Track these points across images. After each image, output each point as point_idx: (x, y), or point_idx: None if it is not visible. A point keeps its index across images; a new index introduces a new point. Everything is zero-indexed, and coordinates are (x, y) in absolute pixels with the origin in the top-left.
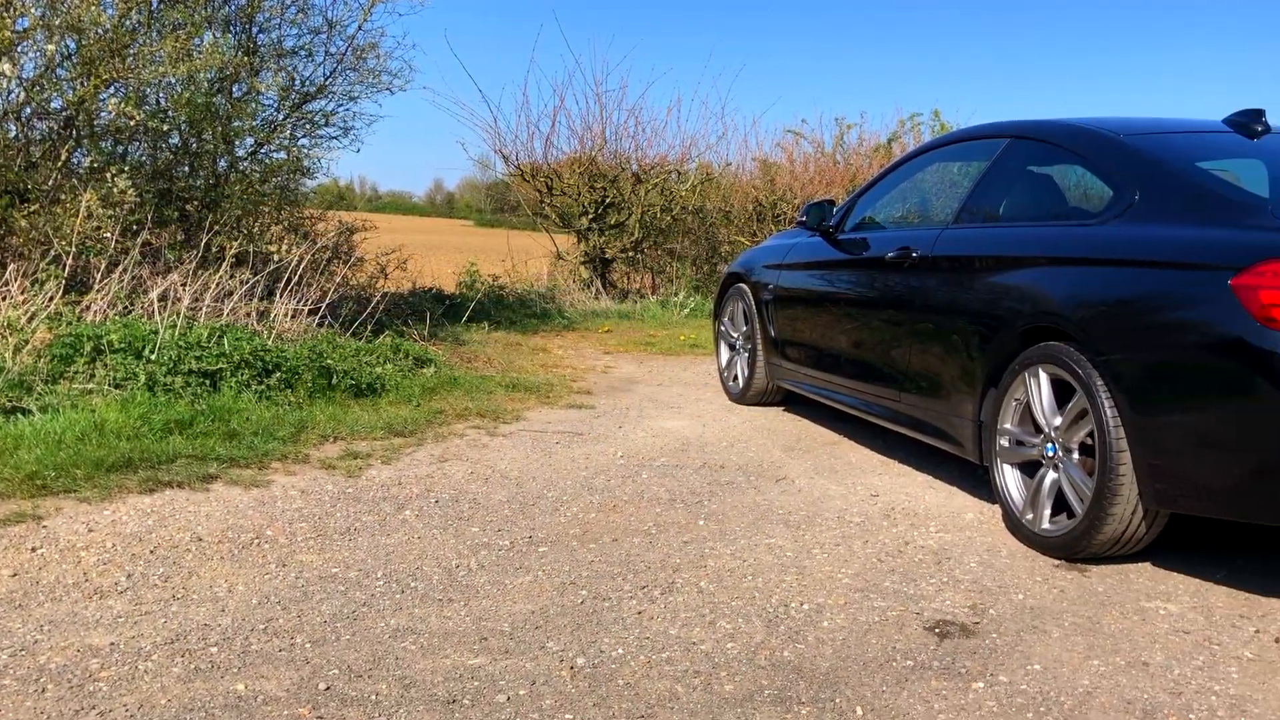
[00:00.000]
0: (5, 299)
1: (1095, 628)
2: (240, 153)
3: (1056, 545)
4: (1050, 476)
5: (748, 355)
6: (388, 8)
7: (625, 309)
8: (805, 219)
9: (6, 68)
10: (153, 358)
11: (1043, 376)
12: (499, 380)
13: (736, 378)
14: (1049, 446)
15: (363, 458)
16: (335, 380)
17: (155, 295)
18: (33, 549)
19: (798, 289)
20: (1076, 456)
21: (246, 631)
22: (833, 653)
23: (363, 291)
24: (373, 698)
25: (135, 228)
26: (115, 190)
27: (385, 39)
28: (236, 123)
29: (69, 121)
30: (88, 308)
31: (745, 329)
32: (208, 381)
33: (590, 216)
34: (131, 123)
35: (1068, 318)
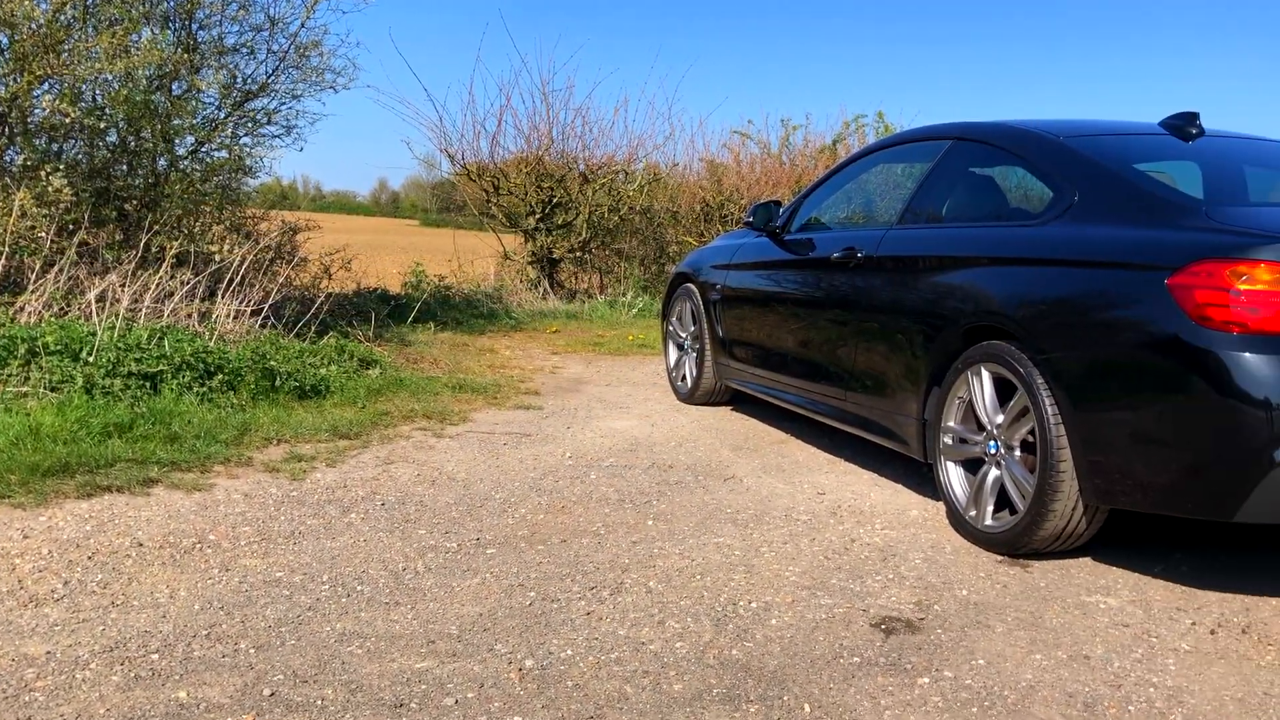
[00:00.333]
0: None
1: (1037, 622)
2: (180, 151)
3: (999, 541)
4: (993, 474)
5: (696, 355)
6: (331, 5)
7: (573, 309)
8: (752, 220)
9: None
10: (90, 360)
11: (985, 375)
12: (445, 381)
13: (685, 378)
14: (991, 444)
15: (307, 460)
16: (279, 382)
17: (93, 296)
18: None
19: (745, 289)
20: (1018, 454)
21: (189, 638)
22: (780, 650)
23: (307, 292)
24: (318, 703)
25: (71, 227)
26: (50, 189)
27: (329, 36)
28: (176, 121)
29: (1, 118)
30: (21, 309)
31: (693, 329)
32: (148, 384)
33: (537, 216)
34: (67, 120)
35: (1009, 317)
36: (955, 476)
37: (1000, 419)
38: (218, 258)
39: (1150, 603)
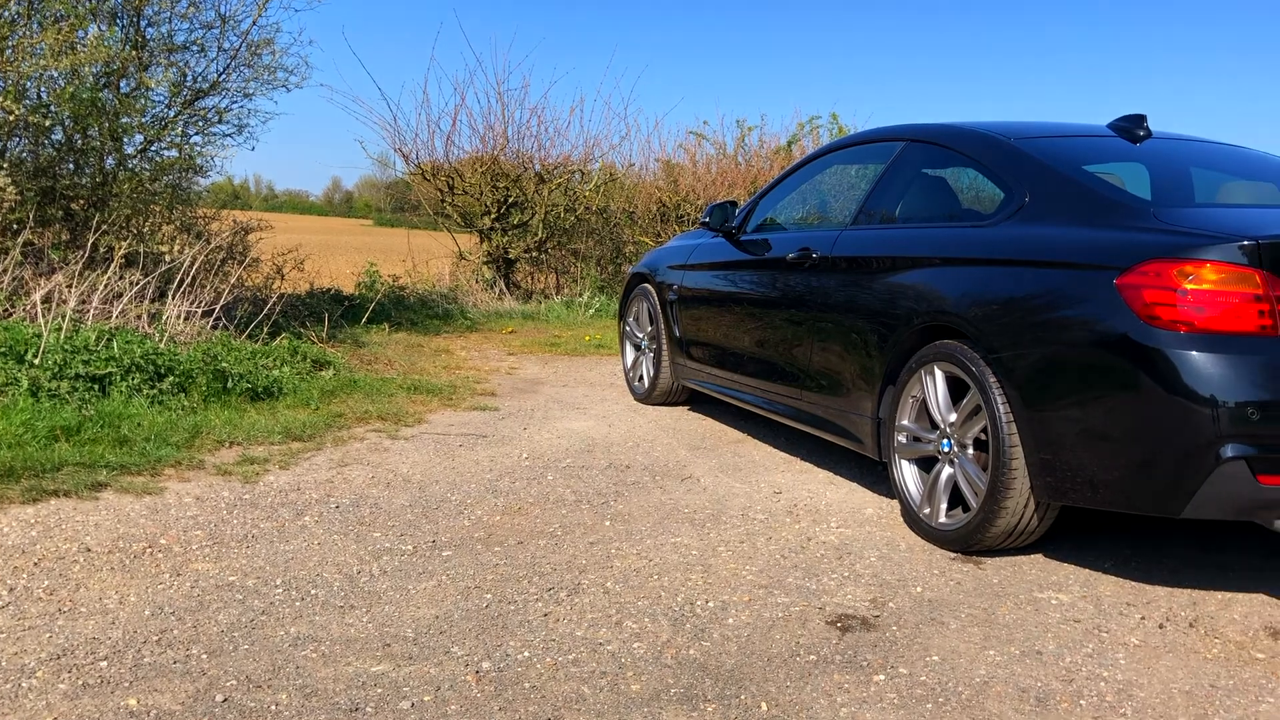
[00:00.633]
0: None
1: (991, 619)
2: (129, 150)
3: (953, 539)
4: (946, 472)
5: (653, 355)
6: (283, 2)
7: (529, 310)
8: (709, 220)
9: None
10: (36, 362)
11: (938, 374)
12: (400, 382)
13: (642, 378)
14: (945, 442)
15: (260, 463)
16: (231, 384)
17: (38, 297)
18: None
19: (702, 289)
20: (971, 452)
21: (139, 644)
22: (738, 649)
23: (259, 293)
24: (272, 708)
25: (16, 227)
26: None
27: (281, 34)
28: (125, 119)
29: None
30: None
31: (650, 329)
32: (96, 386)
33: (493, 216)
34: (11, 118)
35: (961, 316)
36: (909, 475)
37: (953, 417)
38: (168, 258)
39: (1101, 598)
